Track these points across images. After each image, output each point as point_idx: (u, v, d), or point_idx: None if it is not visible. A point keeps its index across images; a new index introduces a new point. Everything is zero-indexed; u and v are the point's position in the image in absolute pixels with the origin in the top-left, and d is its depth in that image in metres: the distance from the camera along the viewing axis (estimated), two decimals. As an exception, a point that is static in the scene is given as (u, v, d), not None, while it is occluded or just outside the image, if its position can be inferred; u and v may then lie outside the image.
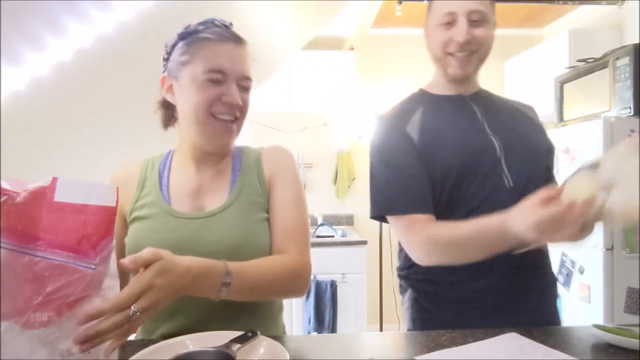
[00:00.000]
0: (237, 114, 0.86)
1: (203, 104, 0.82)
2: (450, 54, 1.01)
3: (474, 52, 1.00)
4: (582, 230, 0.72)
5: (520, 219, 0.76)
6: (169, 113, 0.94)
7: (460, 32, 0.97)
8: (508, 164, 0.97)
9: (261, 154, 0.94)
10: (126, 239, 0.85)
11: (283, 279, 0.80)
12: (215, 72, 0.82)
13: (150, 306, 0.60)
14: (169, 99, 0.89)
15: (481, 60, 1.04)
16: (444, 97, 1.07)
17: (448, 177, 0.96)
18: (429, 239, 0.91)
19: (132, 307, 0.58)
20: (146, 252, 0.63)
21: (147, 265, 0.62)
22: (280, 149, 0.96)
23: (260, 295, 0.81)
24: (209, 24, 0.86)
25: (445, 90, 1.08)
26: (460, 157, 0.96)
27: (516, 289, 0.97)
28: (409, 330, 1.04)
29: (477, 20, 0.98)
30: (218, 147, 0.89)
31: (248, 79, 0.87)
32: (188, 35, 0.85)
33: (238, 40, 0.86)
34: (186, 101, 0.85)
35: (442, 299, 1.00)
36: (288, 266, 0.81)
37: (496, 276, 0.95)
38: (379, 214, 1.01)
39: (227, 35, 0.85)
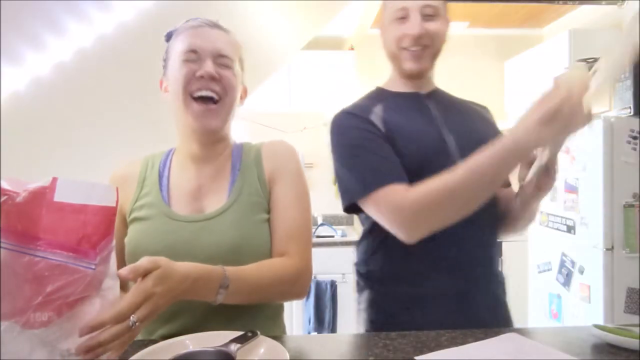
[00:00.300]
0: (216, 89, 0.84)
1: (180, 82, 0.83)
2: (405, 48, 1.01)
3: (428, 46, 1.01)
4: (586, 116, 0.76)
5: (524, 124, 0.77)
6: None
7: (414, 25, 0.99)
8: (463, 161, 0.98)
9: (261, 151, 0.92)
10: (125, 240, 0.84)
11: (281, 284, 0.80)
12: (189, 52, 0.83)
13: (150, 314, 0.61)
14: (165, 98, 0.90)
15: (435, 55, 1.05)
16: (401, 94, 1.07)
17: (408, 172, 0.94)
18: (414, 200, 0.87)
19: (131, 317, 0.58)
20: (144, 261, 0.63)
21: (145, 274, 0.62)
22: (281, 144, 0.94)
23: (258, 299, 0.81)
24: (189, 20, 0.89)
25: (401, 87, 1.08)
26: (419, 154, 0.95)
27: (475, 287, 0.98)
28: (367, 331, 1.02)
29: (430, 14, 1.00)
30: (203, 131, 0.86)
31: (225, 56, 0.85)
32: (171, 34, 0.89)
33: (214, 25, 0.88)
34: (170, 89, 0.86)
35: (404, 298, 0.98)
36: (287, 270, 0.80)
37: (459, 274, 0.96)
38: (353, 200, 0.96)
39: (204, 22, 0.87)
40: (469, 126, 1.05)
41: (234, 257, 0.79)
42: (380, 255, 1.00)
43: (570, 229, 2.21)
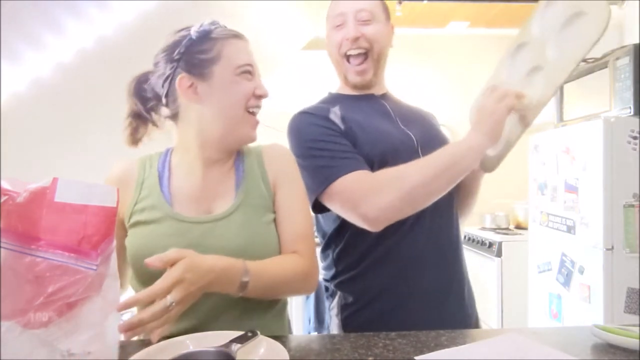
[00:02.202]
0: (260, 105, 0.90)
1: (241, 98, 0.86)
2: (346, 55, 1.04)
3: (367, 52, 1.03)
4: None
5: (473, 123, 0.91)
6: (142, 124, 0.92)
7: (349, 29, 1.02)
8: (424, 156, 0.99)
9: (262, 154, 0.94)
10: (128, 244, 0.83)
11: (296, 280, 0.83)
12: (247, 66, 0.86)
13: (184, 299, 0.64)
14: (189, 98, 0.86)
15: (377, 61, 1.06)
16: (357, 96, 1.09)
17: (371, 168, 0.96)
18: (374, 180, 0.90)
19: (168, 297, 0.62)
20: (171, 252, 0.66)
21: (172, 263, 0.65)
22: (280, 148, 0.95)
23: (275, 294, 0.84)
24: (216, 24, 0.88)
25: (355, 91, 1.10)
26: (382, 149, 0.97)
27: (448, 283, 1.01)
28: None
29: (366, 19, 1.03)
30: (247, 142, 0.91)
31: (259, 74, 0.91)
32: (207, 34, 0.86)
33: (245, 37, 0.90)
34: (221, 99, 0.86)
35: (374, 298, 0.99)
36: (301, 268, 0.83)
37: (429, 272, 0.98)
38: (316, 195, 0.96)
39: (236, 33, 0.89)
40: (425, 125, 1.09)
41: (243, 258, 0.78)
42: (347, 256, 1.02)
43: (570, 229, 2.21)
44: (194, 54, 0.85)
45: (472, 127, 0.91)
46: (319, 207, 0.99)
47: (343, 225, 1.00)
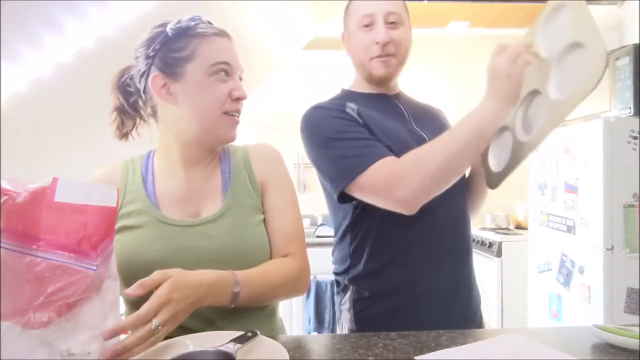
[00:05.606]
0: (240, 108, 0.86)
1: (216, 101, 0.82)
2: (372, 58, 1.02)
3: (392, 55, 1.02)
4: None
5: (488, 88, 0.86)
6: (127, 118, 0.90)
7: (379, 33, 0.99)
8: None
9: (248, 154, 0.92)
10: (115, 251, 0.82)
11: (288, 284, 0.82)
12: (223, 65, 0.82)
13: (171, 319, 0.63)
14: (162, 98, 0.83)
15: (401, 63, 1.06)
16: (371, 95, 1.08)
17: None
18: (402, 165, 0.87)
19: (153, 321, 0.60)
20: (154, 275, 0.65)
21: (156, 285, 0.64)
22: (268, 148, 0.94)
23: (267, 300, 0.83)
24: (197, 19, 0.84)
25: (369, 89, 1.09)
26: (399, 149, 0.95)
27: (457, 284, 1.01)
28: (352, 331, 1.02)
29: (394, 22, 1.01)
30: (226, 141, 0.87)
31: (242, 71, 0.88)
32: (183, 31, 0.82)
33: (228, 35, 0.87)
34: (195, 101, 0.82)
35: (389, 294, 0.99)
36: (292, 271, 0.83)
37: (443, 272, 0.99)
38: (342, 187, 0.93)
39: (218, 30, 0.85)
40: (435, 124, 1.08)
41: (235, 259, 0.78)
42: (363, 250, 1.01)
43: (570, 229, 2.21)
44: (168, 52, 0.82)
45: (487, 92, 0.86)
46: (342, 197, 0.97)
47: (358, 219, 1.00)
